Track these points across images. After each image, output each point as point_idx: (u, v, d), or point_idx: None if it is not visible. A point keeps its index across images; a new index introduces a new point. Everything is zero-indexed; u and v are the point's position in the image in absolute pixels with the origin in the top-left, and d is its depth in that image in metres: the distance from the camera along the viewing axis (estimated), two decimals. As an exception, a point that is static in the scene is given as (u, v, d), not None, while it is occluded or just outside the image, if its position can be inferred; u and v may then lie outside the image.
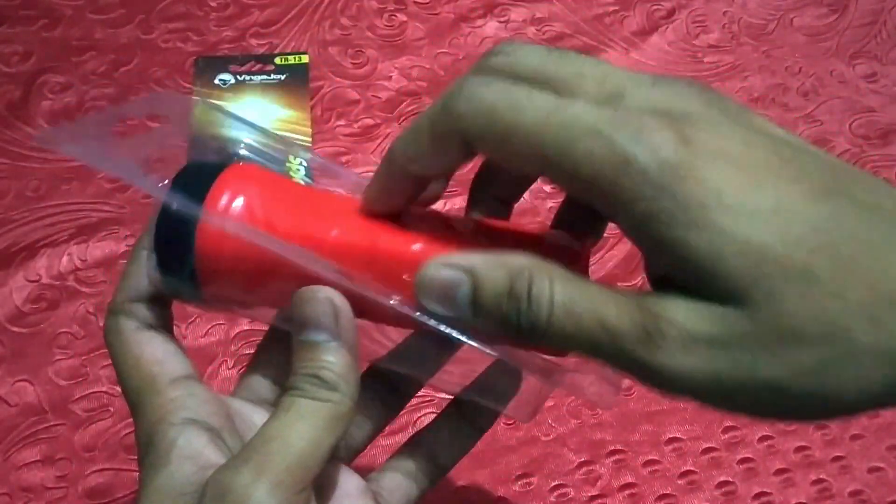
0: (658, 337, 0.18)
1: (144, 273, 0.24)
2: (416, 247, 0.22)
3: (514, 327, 0.20)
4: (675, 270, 0.19)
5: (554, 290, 0.20)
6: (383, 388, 0.28)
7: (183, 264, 0.23)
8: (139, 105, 0.28)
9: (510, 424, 0.40)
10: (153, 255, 0.23)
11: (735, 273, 0.17)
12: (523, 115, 0.19)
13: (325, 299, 0.22)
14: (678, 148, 0.18)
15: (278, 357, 0.26)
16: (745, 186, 0.18)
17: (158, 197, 0.23)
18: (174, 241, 0.23)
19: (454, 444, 0.28)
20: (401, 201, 0.23)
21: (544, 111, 0.19)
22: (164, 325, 0.25)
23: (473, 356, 0.23)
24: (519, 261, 0.20)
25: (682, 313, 0.18)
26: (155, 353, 0.24)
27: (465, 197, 0.26)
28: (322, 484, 0.24)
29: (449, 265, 0.21)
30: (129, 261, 0.25)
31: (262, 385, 0.27)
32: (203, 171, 0.23)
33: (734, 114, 0.20)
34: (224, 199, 0.22)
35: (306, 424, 0.22)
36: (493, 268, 0.20)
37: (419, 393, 0.29)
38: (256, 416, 0.26)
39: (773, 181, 0.18)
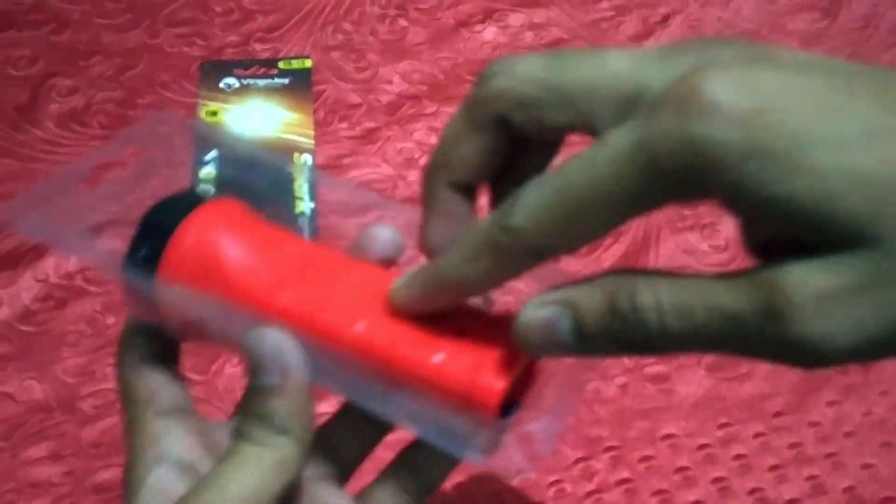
0: (787, 309, 0.16)
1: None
2: (438, 358, 0.21)
3: (627, 343, 0.19)
4: (782, 230, 0.17)
5: (659, 293, 0.18)
6: None
7: (148, 309, 0.23)
8: (121, 141, 0.28)
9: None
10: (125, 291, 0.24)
11: (848, 211, 0.16)
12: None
13: (273, 343, 0.22)
14: (734, 105, 0.16)
15: None
16: (824, 117, 0.16)
17: (112, 272, 0.23)
18: (137, 294, 0.24)
19: (441, 461, 0.26)
20: (436, 310, 0.22)
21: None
22: (167, 352, 0.25)
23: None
24: (609, 278, 0.19)
25: (802, 275, 0.16)
26: (145, 387, 0.24)
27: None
28: None
29: (544, 303, 0.20)
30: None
31: None
32: (162, 226, 0.23)
33: (759, 51, 0.18)
34: (179, 265, 0.23)
35: (248, 472, 0.21)
36: (588, 293, 0.20)
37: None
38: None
39: (848, 103, 0.16)
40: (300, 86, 0.52)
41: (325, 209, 0.44)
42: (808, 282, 0.16)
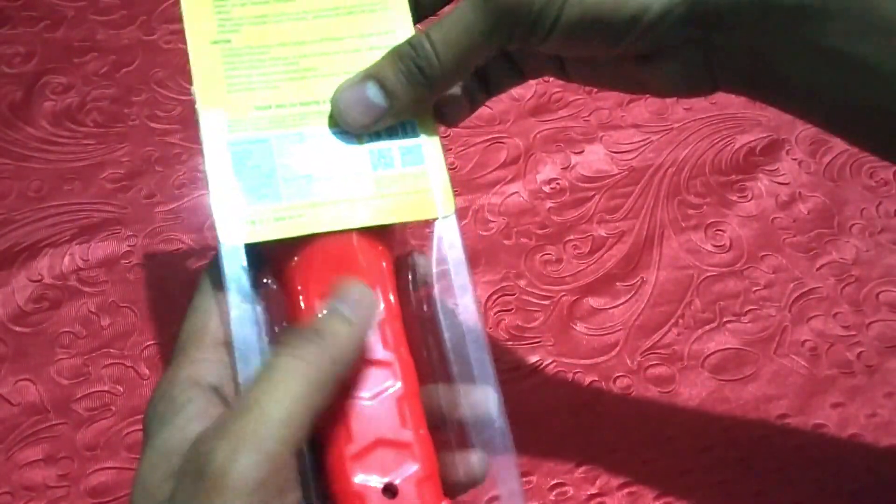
0: None
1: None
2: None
3: (423, 79, 0.25)
4: None
5: (427, 32, 0.25)
6: None
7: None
8: None
9: (509, 424, 0.40)
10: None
11: None
12: None
13: (366, 290, 0.24)
14: None
15: None
16: None
17: None
18: None
19: None
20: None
21: None
22: (252, 286, 0.25)
23: None
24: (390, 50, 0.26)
25: None
26: (208, 312, 0.24)
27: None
28: None
29: (350, 84, 0.26)
30: None
31: None
32: None
33: None
34: None
35: (284, 390, 0.21)
36: (379, 63, 0.26)
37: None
38: None
39: None
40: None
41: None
42: None
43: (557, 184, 0.48)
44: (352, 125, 0.26)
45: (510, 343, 0.42)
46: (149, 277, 0.44)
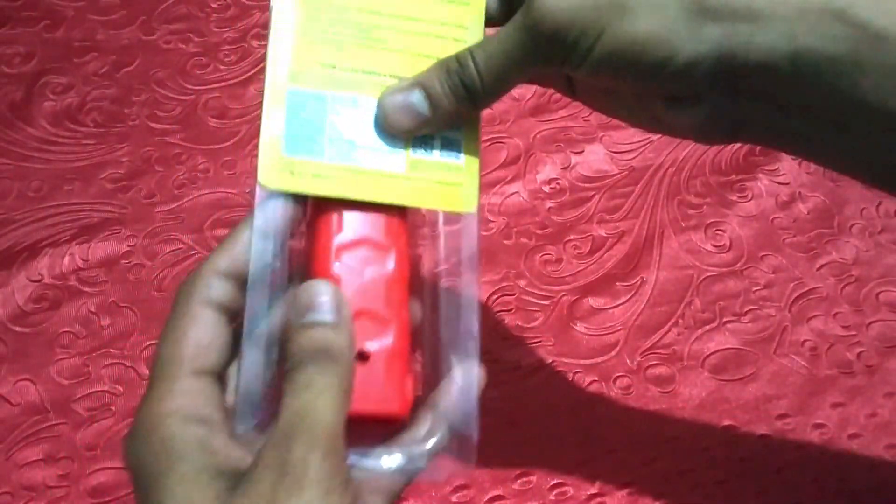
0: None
1: (238, 249, 0.25)
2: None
3: (466, 91, 0.26)
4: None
5: (471, 50, 0.27)
6: None
7: None
8: None
9: (510, 424, 0.40)
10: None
11: None
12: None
13: (331, 289, 0.25)
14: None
15: None
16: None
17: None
18: None
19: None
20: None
21: None
22: (233, 308, 0.25)
23: None
24: (437, 62, 0.27)
25: None
26: (201, 336, 0.25)
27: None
28: None
29: (397, 90, 0.27)
30: (229, 234, 0.26)
31: None
32: None
33: None
34: None
35: (328, 397, 0.23)
36: (426, 74, 0.27)
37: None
38: None
39: None
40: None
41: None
42: None
43: (557, 184, 0.48)
44: (394, 127, 0.27)
45: (510, 343, 0.42)
46: (149, 277, 0.44)
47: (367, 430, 0.25)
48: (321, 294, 0.24)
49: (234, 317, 0.26)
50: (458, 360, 0.27)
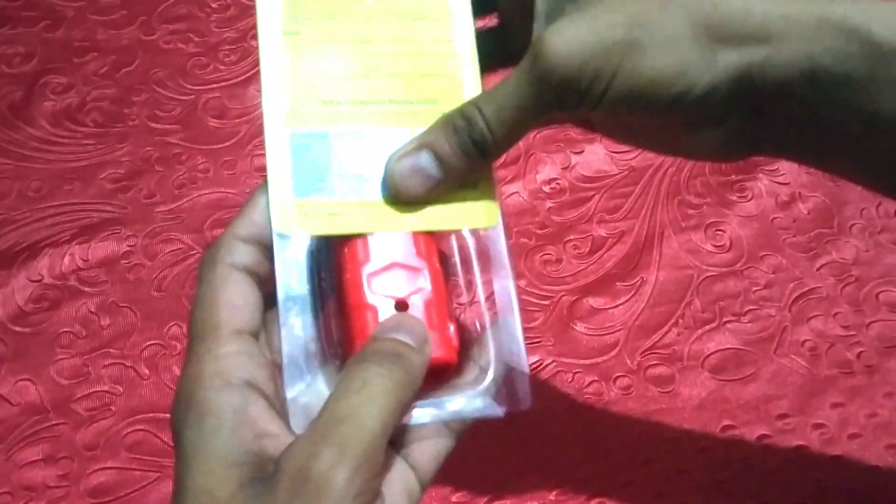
0: (538, 44, 0.24)
1: (257, 214, 0.25)
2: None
3: (475, 148, 0.25)
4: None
5: (476, 102, 0.25)
6: None
7: None
8: None
9: (509, 422, 0.40)
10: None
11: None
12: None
13: (419, 328, 0.24)
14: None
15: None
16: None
17: None
18: None
19: None
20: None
21: None
22: (260, 274, 0.25)
23: None
24: (440, 118, 0.26)
25: (550, 28, 0.24)
26: (233, 296, 0.24)
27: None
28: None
29: (403, 155, 0.26)
30: (247, 202, 0.25)
31: None
32: None
33: None
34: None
35: (380, 404, 0.22)
36: (431, 132, 0.26)
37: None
38: None
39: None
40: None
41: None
42: (556, 24, 0.24)
43: (557, 184, 0.48)
44: (406, 196, 0.26)
45: (510, 343, 0.42)
46: (149, 277, 0.44)
47: None
48: (409, 322, 0.24)
49: (261, 282, 0.25)
50: (498, 302, 0.27)
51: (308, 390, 0.24)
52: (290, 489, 0.20)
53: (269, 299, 0.25)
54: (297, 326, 0.24)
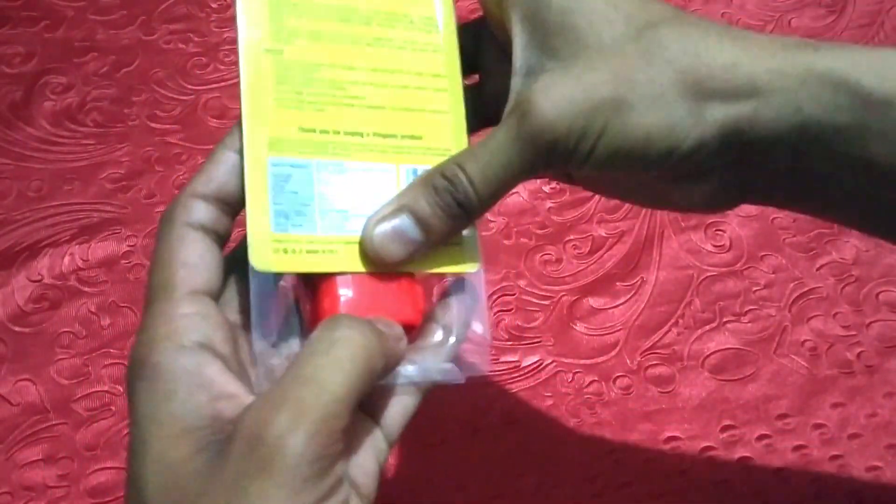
0: (526, 104, 0.24)
1: (215, 171, 0.24)
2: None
3: (459, 209, 0.24)
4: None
5: (457, 160, 0.25)
6: None
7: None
8: None
9: (510, 424, 0.40)
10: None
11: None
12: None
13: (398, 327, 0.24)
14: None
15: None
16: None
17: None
18: None
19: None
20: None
21: None
22: (220, 232, 0.24)
23: None
24: (419, 177, 0.25)
25: (539, 80, 0.24)
26: (188, 255, 0.23)
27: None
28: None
29: (382, 218, 0.25)
30: (207, 159, 0.24)
31: None
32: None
33: None
34: None
35: (344, 369, 0.21)
36: (411, 193, 0.25)
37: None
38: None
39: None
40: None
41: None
42: (541, 81, 0.24)
43: (557, 184, 0.48)
44: (387, 260, 0.25)
45: (510, 343, 0.42)
46: (149, 277, 0.44)
47: None
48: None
49: (223, 240, 0.25)
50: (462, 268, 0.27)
51: (276, 349, 0.24)
52: (245, 453, 0.20)
53: (231, 262, 0.25)
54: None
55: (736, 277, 0.45)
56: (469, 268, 0.27)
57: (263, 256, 0.24)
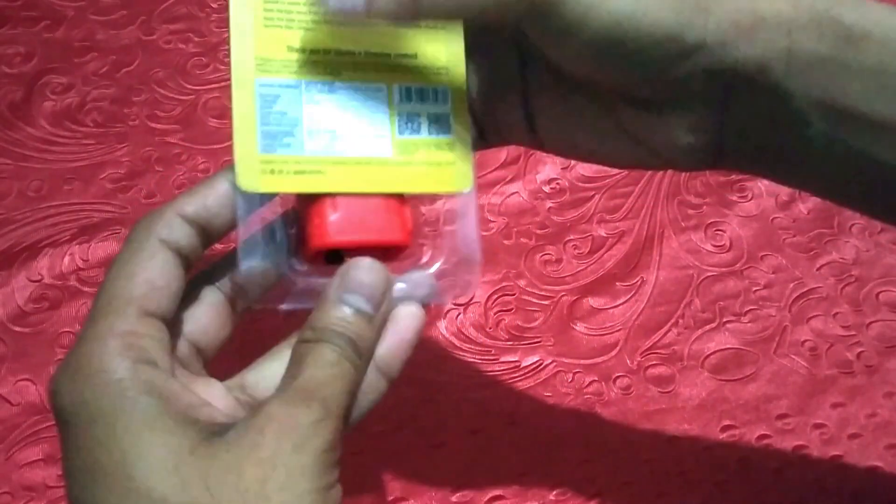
0: None
1: (211, 198, 0.24)
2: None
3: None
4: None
5: None
6: None
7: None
8: None
9: (510, 424, 0.40)
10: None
11: None
12: None
13: (381, 270, 0.24)
14: None
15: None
16: None
17: None
18: None
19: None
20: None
21: None
22: (190, 258, 0.24)
23: None
24: None
25: None
26: (156, 276, 0.23)
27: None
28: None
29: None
30: (203, 181, 0.24)
31: None
32: None
33: None
34: None
35: (342, 386, 0.22)
36: None
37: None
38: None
39: None
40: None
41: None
42: None
43: (557, 184, 0.48)
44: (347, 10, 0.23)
45: (510, 343, 0.42)
46: (149, 277, 0.44)
47: None
48: (370, 284, 0.24)
49: (190, 266, 0.24)
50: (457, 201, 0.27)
51: (263, 263, 0.24)
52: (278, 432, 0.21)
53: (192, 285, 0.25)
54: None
55: (736, 277, 0.45)
56: (461, 187, 0.26)
57: (250, 177, 0.24)
